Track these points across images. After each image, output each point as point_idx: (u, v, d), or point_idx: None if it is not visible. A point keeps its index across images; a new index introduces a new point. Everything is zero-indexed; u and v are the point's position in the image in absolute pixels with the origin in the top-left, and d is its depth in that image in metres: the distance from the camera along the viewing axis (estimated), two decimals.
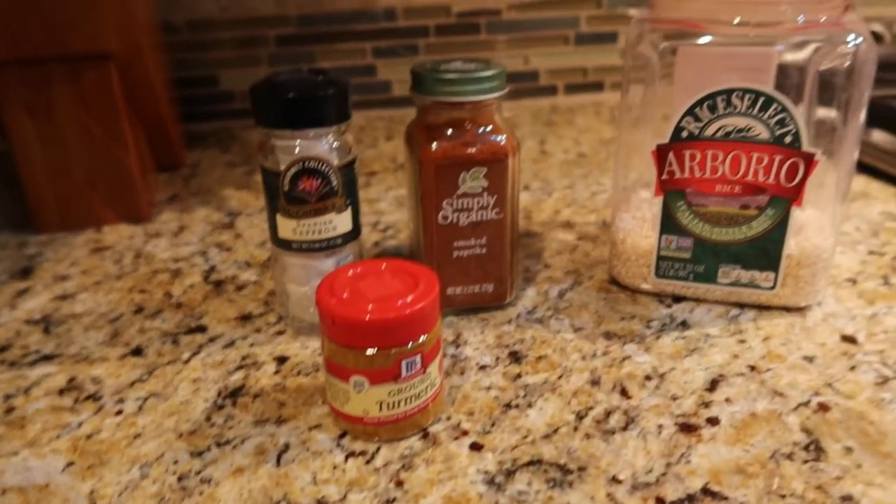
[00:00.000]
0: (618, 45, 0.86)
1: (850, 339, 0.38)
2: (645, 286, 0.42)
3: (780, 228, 0.39)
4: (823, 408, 0.33)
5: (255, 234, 0.52)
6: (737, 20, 0.36)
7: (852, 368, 0.36)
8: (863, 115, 0.37)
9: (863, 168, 0.61)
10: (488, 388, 0.35)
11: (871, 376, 0.35)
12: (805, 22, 0.36)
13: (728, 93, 0.36)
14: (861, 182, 0.59)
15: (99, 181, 0.54)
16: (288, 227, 0.37)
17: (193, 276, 0.47)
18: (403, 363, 0.30)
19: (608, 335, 0.39)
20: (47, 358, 0.38)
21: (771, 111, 0.36)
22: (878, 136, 0.60)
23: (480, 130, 0.38)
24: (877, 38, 0.84)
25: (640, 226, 0.42)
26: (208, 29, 0.78)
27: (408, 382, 0.30)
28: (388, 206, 0.57)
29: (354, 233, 0.38)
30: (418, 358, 0.30)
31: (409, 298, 0.30)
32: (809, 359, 0.36)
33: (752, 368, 0.36)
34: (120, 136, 0.53)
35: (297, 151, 0.35)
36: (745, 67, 0.36)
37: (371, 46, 0.81)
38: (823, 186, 0.39)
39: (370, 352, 0.29)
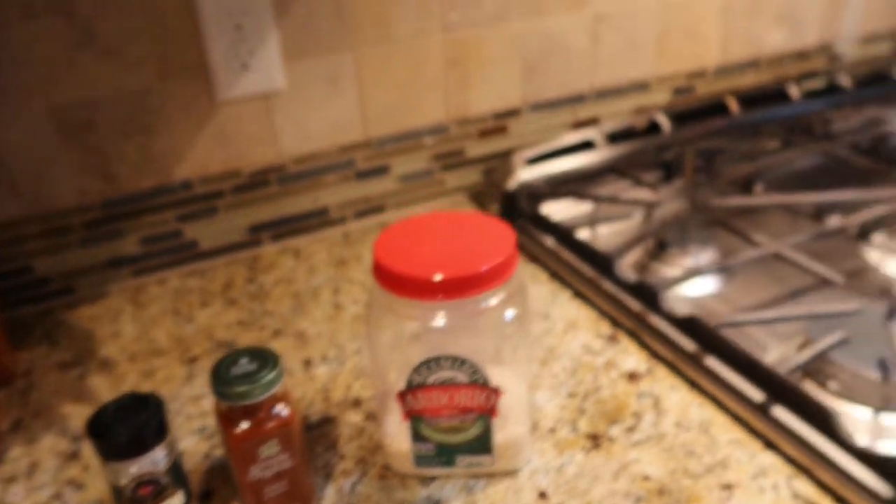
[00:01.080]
0: (392, 174, 1.02)
1: (543, 496, 0.57)
2: (409, 472, 0.59)
3: (487, 432, 0.56)
4: None
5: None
6: (442, 318, 0.53)
7: None
8: (530, 356, 0.56)
9: (577, 294, 0.81)
10: None
11: None
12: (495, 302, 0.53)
13: (437, 359, 0.53)
14: (573, 309, 0.79)
15: None
16: None
17: None
18: None
19: None
20: None
21: (466, 366, 0.53)
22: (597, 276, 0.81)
23: (271, 411, 0.52)
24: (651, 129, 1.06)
25: (399, 431, 0.59)
26: (13, 227, 0.84)
27: None
28: (212, 404, 0.69)
29: (187, 501, 0.52)
30: None
31: None
32: None
33: None
34: None
35: (132, 470, 0.48)
36: (464, 339, 0.54)
37: (174, 215, 0.91)
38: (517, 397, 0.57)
39: None
